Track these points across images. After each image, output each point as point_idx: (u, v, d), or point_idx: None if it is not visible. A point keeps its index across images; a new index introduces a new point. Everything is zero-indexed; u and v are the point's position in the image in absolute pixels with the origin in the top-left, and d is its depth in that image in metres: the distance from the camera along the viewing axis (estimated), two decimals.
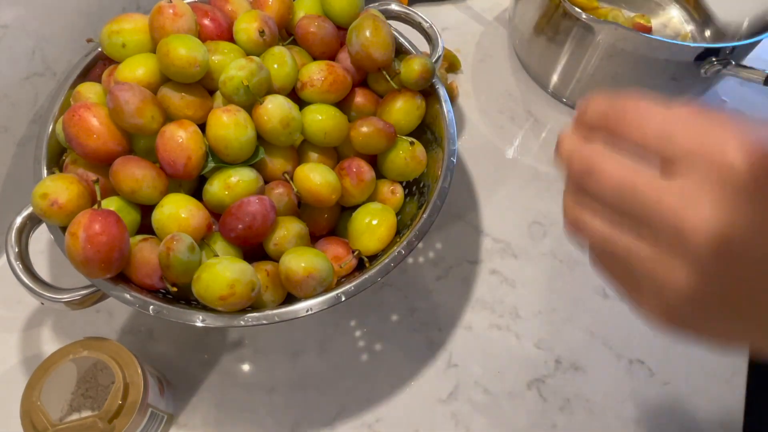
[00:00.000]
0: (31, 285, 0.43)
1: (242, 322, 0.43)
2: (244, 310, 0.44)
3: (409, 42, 0.57)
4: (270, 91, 0.49)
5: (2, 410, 0.51)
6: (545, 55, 0.72)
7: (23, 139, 0.57)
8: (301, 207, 0.50)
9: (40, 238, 0.58)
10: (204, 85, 0.49)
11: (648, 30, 0.76)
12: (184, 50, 0.45)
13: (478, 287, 0.61)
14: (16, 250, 0.44)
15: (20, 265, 0.44)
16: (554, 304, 0.60)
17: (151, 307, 0.43)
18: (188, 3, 0.50)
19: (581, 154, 0.25)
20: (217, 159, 0.47)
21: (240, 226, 0.44)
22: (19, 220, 0.45)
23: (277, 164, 0.49)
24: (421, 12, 0.61)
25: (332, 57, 0.55)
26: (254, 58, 0.47)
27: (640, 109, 0.25)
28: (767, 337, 0.23)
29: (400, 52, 0.57)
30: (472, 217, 0.65)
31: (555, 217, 0.66)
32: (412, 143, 0.53)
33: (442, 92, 0.55)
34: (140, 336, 0.56)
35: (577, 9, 0.63)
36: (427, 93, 0.55)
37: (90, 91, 0.50)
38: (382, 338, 0.57)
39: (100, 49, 0.52)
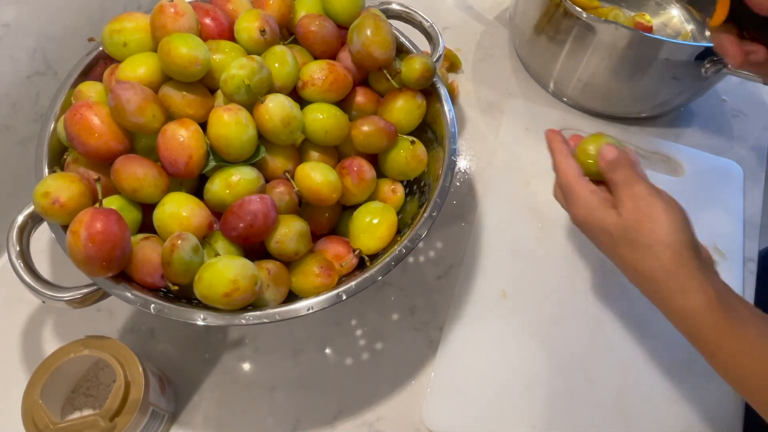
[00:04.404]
0: (32, 284, 0.43)
1: (243, 321, 0.43)
2: (245, 309, 0.44)
3: (410, 41, 0.58)
4: (271, 90, 0.49)
5: (3, 409, 0.51)
6: (546, 55, 0.72)
7: (24, 138, 0.57)
8: (302, 206, 0.50)
9: (42, 237, 0.58)
10: (205, 84, 0.49)
11: (648, 29, 0.76)
12: (186, 49, 0.45)
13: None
14: (18, 248, 0.44)
15: (22, 264, 0.44)
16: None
17: (153, 305, 0.43)
18: (189, 2, 0.50)
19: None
20: (218, 158, 0.47)
21: (241, 224, 0.44)
22: (20, 218, 0.45)
23: (278, 163, 0.49)
24: (421, 11, 0.61)
25: (333, 56, 0.55)
26: (255, 57, 0.47)
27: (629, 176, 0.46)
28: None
29: (401, 51, 0.57)
30: (473, 216, 0.65)
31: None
32: (412, 142, 0.53)
33: (443, 91, 0.55)
34: (141, 335, 0.56)
35: (577, 8, 0.63)
36: (428, 92, 0.55)
37: (91, 90, 0.50)
38: (382, 337, 0.57)
39: (101, 48, 0.52)
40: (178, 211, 0.44)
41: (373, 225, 0.49)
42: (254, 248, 0.47)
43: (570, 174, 0.49)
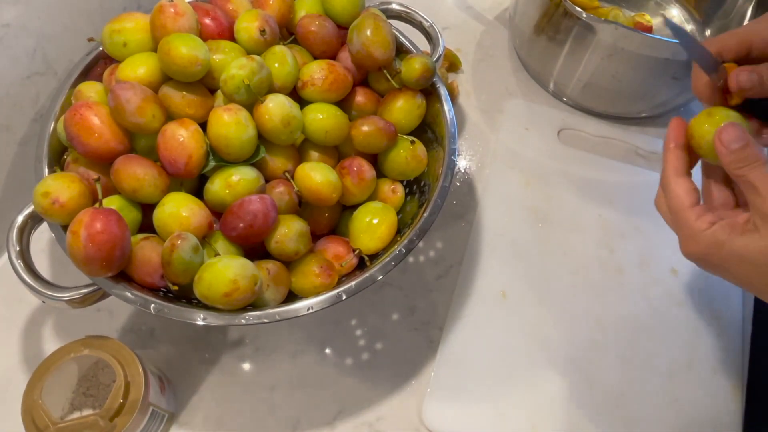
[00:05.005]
0: (32, 283, 0.43)
1: (243, 321, 0.43)
2: (245, 309, 0.44)
3: (410, 41, 0.58)
4: (271, 90, 0.49)
5: (3, 409, 0.51)
6: (546, 55, 0.72)
7: (24, 138, 0.57)
8: (302, 206, 0.50)
9: (41, 237, 0.58)
10: (205, 84, 0.49)
11: (648, 29, 0.76)
12: (186, 49, 0.45)
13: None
14: (18, 248, 0.44)
15: (21, 264, 0.44)
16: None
17: (152, 305, 0.43)
18: (189, 2, 0.50)
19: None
20: (218, 158, 0.47)
21: (241, 224, 0.44)
22: (20, 218, 0.45)
23: (278, 163, 0.49)
24: (421, 11, 0.61)
25: (333, 56, 0.55)
26: (255, 57, 0.47)
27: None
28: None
29: (401, 51, 0.57)
30: (473, 216, 0.65)
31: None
32: (412, 142, 0.53)
33: (443, 91, 0.55)
34: (141, 335, 0.56)
35: (577, 8, 0.63)
36: (428, 92, 0.55)
37: (91, 90, 0.50)
38: (382, 337, 0.57)
39: (101, 48, 0.52)
40: (178, 211, 0.44)
41: (373, 225, 0.49)
42: (254, 248, 0.47)
43: (680, 201, 0.40)
